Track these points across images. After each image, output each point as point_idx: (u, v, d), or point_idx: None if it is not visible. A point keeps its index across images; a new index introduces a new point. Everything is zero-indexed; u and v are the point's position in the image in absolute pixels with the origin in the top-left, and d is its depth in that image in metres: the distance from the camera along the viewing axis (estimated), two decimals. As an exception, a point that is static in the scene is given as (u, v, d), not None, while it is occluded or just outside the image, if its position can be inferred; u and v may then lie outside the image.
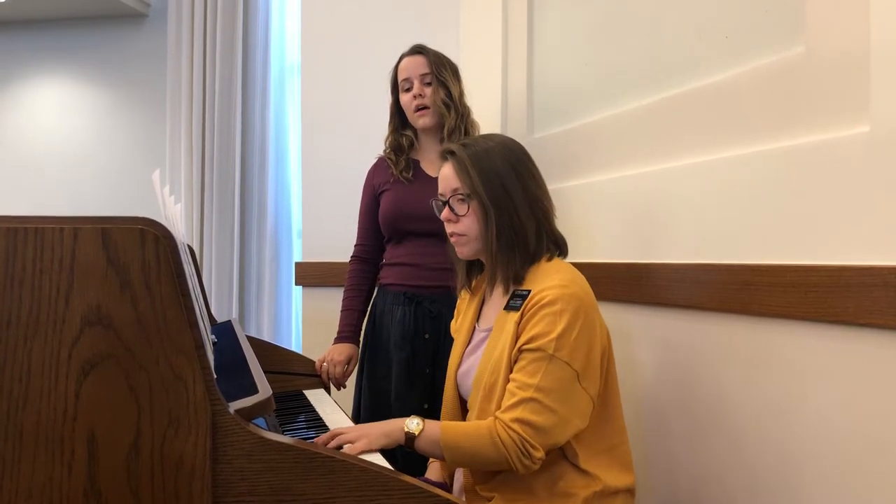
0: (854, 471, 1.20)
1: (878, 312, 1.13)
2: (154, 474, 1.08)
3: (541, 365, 1.33)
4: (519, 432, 1.31)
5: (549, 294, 1.36)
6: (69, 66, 4.67)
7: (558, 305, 1.35)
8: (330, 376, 2.10)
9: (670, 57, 1.68)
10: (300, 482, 1.11)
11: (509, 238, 1.44)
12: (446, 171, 1.50)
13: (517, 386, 1.34)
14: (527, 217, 1.45)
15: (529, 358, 1.35)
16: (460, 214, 1.47)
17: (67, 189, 4.61)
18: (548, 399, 1.32)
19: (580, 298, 1.37)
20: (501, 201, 1.44)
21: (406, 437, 1.36)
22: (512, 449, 1.31)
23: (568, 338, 1.34)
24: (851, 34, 1.20)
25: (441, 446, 1.35)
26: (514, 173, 1.46)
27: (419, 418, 1.38)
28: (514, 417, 1.32)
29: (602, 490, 1.38)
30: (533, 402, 1.32)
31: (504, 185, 1.44)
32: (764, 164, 1.37)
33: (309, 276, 2.97)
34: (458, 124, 2.07)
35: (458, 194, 1.47)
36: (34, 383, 1.06)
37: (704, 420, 1.53)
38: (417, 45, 2.14)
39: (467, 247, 1.50)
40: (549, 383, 1.33)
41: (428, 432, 1.36)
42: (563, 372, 1.33)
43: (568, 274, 1.42)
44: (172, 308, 1.08)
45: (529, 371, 1.34)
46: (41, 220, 1.08)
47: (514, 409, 1.33)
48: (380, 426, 1.39)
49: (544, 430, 1.32)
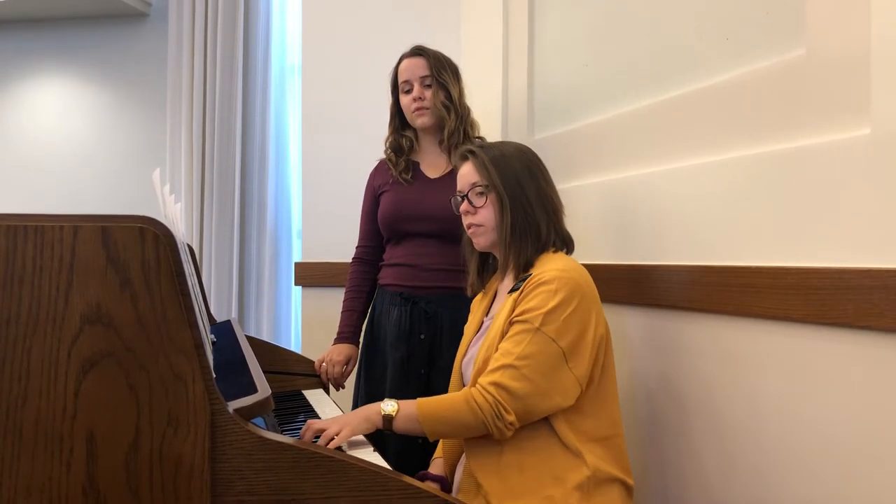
0: (854, 472, 1.20)
1: (879, 315, 1.13)
2: (153, 473, 1.08)
3: (525, 336, 1.39)
4: (494, 394, 1.37)
5: (547, 275, 1.43)
6: (70, 65, 4.66)
7: (554, 285, 1.42)
8: (329, 376, 2.10)
9: (670, 58, 1.68)
10: (299, 482, 1.11)
11: (522, 228, 1.52)
12: (466, 169, 1.59)
13: (501, 353, 1.41)
14: (539, 210, 1.53)
15: (517, 329, 1.41)
16: (478, 206, 1.56)
17: (68, 188, 4.61)
18: (526, 368, 1.38)
19: (577, 283, 1.44)
20: (516, 194, 1.53)
21: (383, 420, 1.41)
22: (487, 411, 1.37)
23: (557, 315, 1.40)
24: (852, 36, 1.20)
25: (419, 419, 1.39)
26: (527, 172, 1.55)
27: (393, 400, 1.43)
28: (490, 381, 1.38)
29: (593, 475, 1.40)
30: (511, 369, 1.38)
31: (519, 181, 1.54)
32: (764, 166, 1.37)
33: (308, 277, 2.97)
34: (457, 126, 2.08)
35: (476, 187, 1.56)
36: (33, 382, 1.06)
37: (703, 421, 1.53)
38: (417, 47, 2.13)
39: (484, 237, 1.57)
40: (529, 353, 1.38)
41: (404, 410, 1.41)
42: (548, 347, 1.39)
43: (571, 263, 1.50)
44: (172, 307, 1.08)
45: (514, 341, 1.40)
46: (41, 218, 1.08)
47: (492, 373, 1.40)
48: (357, 413, 1.44)
49: (518, 397, 1.37)
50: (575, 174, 2.02)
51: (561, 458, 1.41)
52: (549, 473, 1.40)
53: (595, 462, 1.40)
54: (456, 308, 1.97)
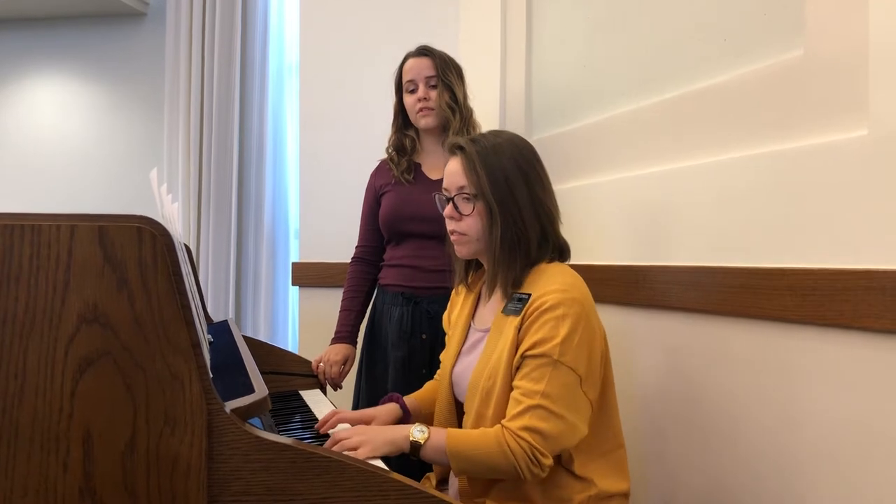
0: (853, 472, 1.20)
1: (876, 316, 1.13)
2: (150, 473, 1.08)
3: (545, 371, 1.32)
4: (528, 440, 1.29)
5: (551, 299, 1.35)
6: (68, 64, 4.66)
7: (560, 310, 1.33)
8: (326, 376, 2.10)
9: (669, 59, 1.68)
10: (296, 482, 1.11)
11: (512, 243, 1.42)
12: (453, 167, 1.47)
13: (522, 393, 1.33)
14: (531, 222, 1.43)
15: (533, 364, 1.33)
16: (464, 214, 1.45)
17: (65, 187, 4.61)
18: (554, 405, 1.31)
19: (581, 303, 1.36)
20: (507, 205, 1.41)
21: (411, 446, 1.33)
22: (521, 457, 1.29)
23: (571, 342, 1.32)
24: (850, 37, 1.20)
25: (447, 455, 1.32)
26: (521, 175, 1.43)
27: (423, 425, 1.35)
28: (522, 426, 1.30)
29: (597, 494, 1.38)
30: (540, 409, 1.30)
31: (511, 188, 1.42)
32: (762, 167, 1.37)
33: (305, 277, 2.97)
34: (461, 127, 2.07)
35: (463, 192, 1.45)
36: (30, 381, 1.06)
37: (703, 422, 1.53)
38: (423, 47, 2.11)
39: (467, 247, 1.48)
40: (554, 389, 1.31)
41: (433, 441, 1.33)
42: (568, 377, 1.32)
43: (568, 278, 1.41)
44: (169, 307, 1.08)
45: (534, 377, 1.32)
46: (38, 217, 1.07)
47: (521, 416, 1.31)
48: (383, 432, 1.36)
49: (553, 437, 1.31)
50: (573, 175, 2.03)
51: (565, 482, 1.38)
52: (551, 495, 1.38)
53: (599, 482, 1.38)
54: (456, 308, 1.97)
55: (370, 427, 1.39)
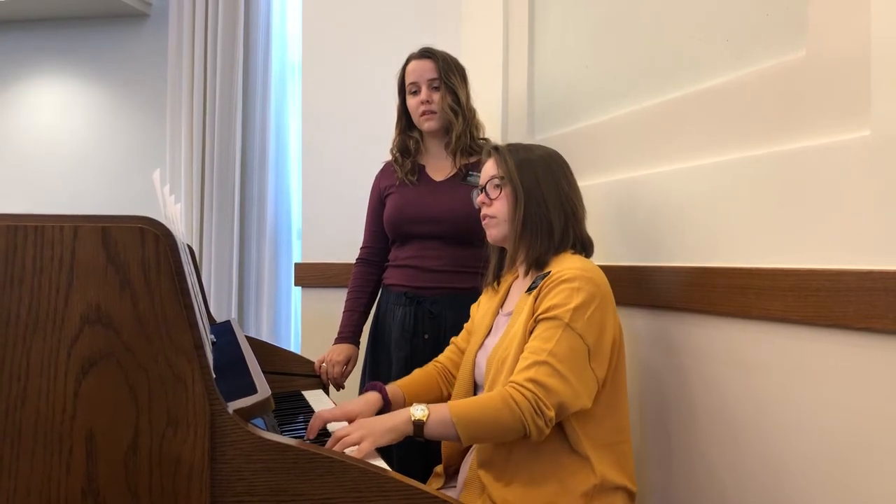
0: (853, 473, 1.20)
1: (878, 317, 1.13)
2: (152, 474, 1.08)
3: (555, 332, 1.37)
4: (532, 390, 1.33)
5: (568, 273, 1.42)
6: (70, 65, 4.66)
7: (576, 283, 1.41)
8: (329, 377, 2.10)
9: (671, 59, 1.68)
10: (298, 482, 1.11)
11: (535, 224, 1.52)
12: (488, 164, 1.61)
13: (531, 350, 1.38)
14: (555, 210, 1.52)
15: (545, 326, 1.39)
16: (493, 197, 1.57)
17: (68, 188, 4.61)
18: (560, 365, 1.35)
19: (597, 283, 1.43)
20: (532, 191, 1.52)
21: (414, 426, 1.33)
22: (526, 408, 1.32)
23: (582, 312, 1.38)
24: (852, 38, 1.20)
25: (453, 422, 1.33)
26: (549, 171, 1.55)
27: (422, 404, 1.35)
28: (527, 377, 1.35)
29: (601, 484, 1.39)
30: (546, 366, 1.35)
31: (537, 180, 1.53)
32: (764, 167, 1.37)
33: (308, 277, 2.97)
34: (464, 129, 2.07)
35: (493, 179, 1.57)
36: (33, 382, 1.06)
37: (704, 422, 1.53)
38: (426, 49, 2.11)
39: (496, 229, 1.58)
40: (562, 350, 1.36)
41: (436, 415, 1.34)
42: (576, 343, 1.37)
43: (589, 265, 1.48)
44: (172, 307, 1.08)
45: (544, 337, 1.38)
46: (41, 218, 1.08)
47: (527, 370, 1.36)
48: (382, 422, 1.35)
49: (555, 393, 1.34)
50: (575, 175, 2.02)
51: (569, 464, 1.40)
52: (556, 479, 1.39)
53: (602, 470, 1.39)
54: (460, 309, 1.97)
55: (369, 419, 1.38)
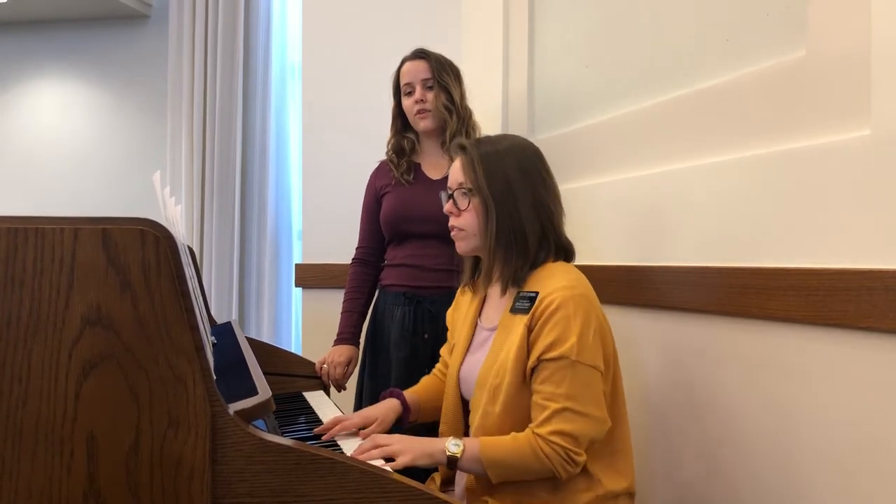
0: (855, 472, 1.20)
1: (879, 316, 1.13)
2: (153, 475, 1.08)
3: (566, 373, 1.34)
4: (560, 443, 1.32)
5: (559, 297, 1.36)
6: (71, 66, 4.67)
7: (570, 308, 1.35)
8: (330, 378, 2.10)
9: (671, 59, 1.68)
10: (300, 484, 1.11)
11: (508, 238, 1.44)
12: (455, 166, 1.52)
13: (545, 398, 1.35)
14: (529, 220, 1.44)
15: (552, 368, 1.35)
16: (461, 209, 1.49)
17: (68, 190, 4.61)
18: (579, 405, 1.33)
19: (587, 298, 1.39)
20: (504, 200, 1.44)
21: (448, 460, 1.36)
22: (556, 460, 1.32)
23: (586, 339, 1.35)
24: (852, 38, 1.20)
25: (482, 463, 1.35)
26: (521, 174, 1.45)
27: (456, 439, 1.37)
28: (551, 430, 1.33)
29: (604, 494, 1.38)
30: (566, 412, 1.33)
31: (509, 185, 1.44)
32: (764, 167, 1.37)
33: (309, 278, 2.97)
34: (459, 128, 2.08)
35: (462, 188, 1.49)
36: (34, 383, 1.06)
37: (705, 422, 1.53)
38: (419, 50, 2.13)
39: (465, 242, 1.51)
40: (576, 390, 1.33)
41: (469, 452, 1.35)
42: (588, 375, 1.35)
43: (572, 275, 1.43)
44: (172, 309, 1.08)
45: (555, 381, 1.34)
46: (42, 220, 1.08)
47: (548, 422, 1.33)
48: (422, 444, 1.37)
49: (583, 436, 1.34)
50: (575, 175, 2.02)
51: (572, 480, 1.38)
52: (557, 493, 1.38)
53: (604, 481, 1.39)
54: (458, 308, 1.98)
55: (407, 437, 1.40)
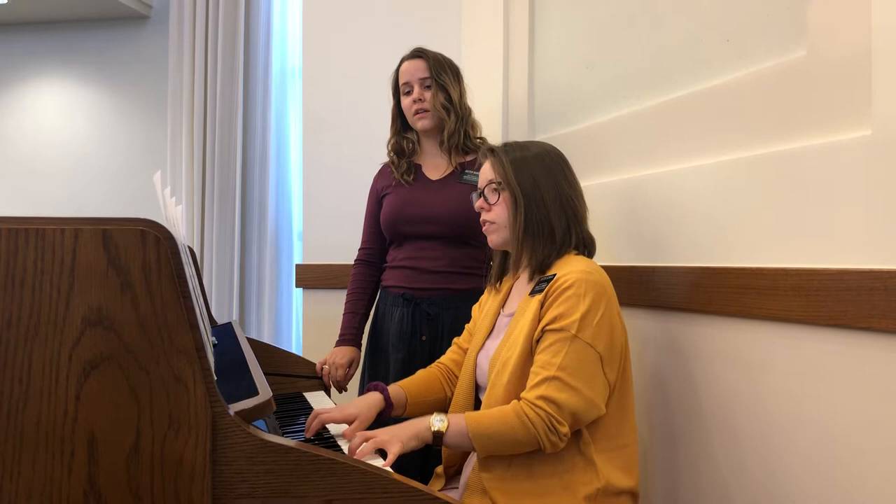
0: (855, 473, 1.20)
1: (879, 316, 1.13)
2: (154, 476, 1.08)
3: (563, 345, 1.37)
4: (544, 408, 1.34)
5: (572, 277, 1.41)
6: (70, 67, 4.67)
7: (582, 288, 1.39)
8: (331, 379, 2.10)
9: (671, 60, 1.68)
10: (301, 484, 1.11)
11: (536, 228, 1.50)
12: (485, 167, 1.59)
13: (540, 365, 1.38)
14: (555, 212, 1.51)
15: (552, 338, 1.38)
16: (491, 203, 1.55)
17: (68, 190, 4.62)
18: (570, 378, 1.35)
19: (602, 286, 1.42)
20: (531, 193, 1.51)
21: (434, 436, 1.38)
22: (540, 426, 1.34)
23: (590, 319, 1.38)
24: (853, 38, 1.20)
25: (469, 437, 1.37)
26: (546, 172, 1.53)
27: (441, 414, 1.40)
28: (538, 395, 1.35)
29: (605, 487, 1.39)
30: (556, 381, 1.35)
31: (535, 180, 1.51)
32: (765, 167, 1.37)
33: (309, 278, 2.97)
34: (458, 127, 2.08)
35: (491, 184, 1.55)
36: (35, 384, 1.06)
37: (705, 422, 1.53)
38: (417, 49, 2.14)
39: (496, 234, 1.56)
40: (571, 362, 1.36)
41: (454, 426, 1.38)
42: (586, 353, 1.37)
43: (592, 266, 1.47)
44: (173, 309, 1.08)
45: (552, 351, 1.37)
46: (42, 221, 1.08)
47: (537, 387, 1.36)
48: (406, 428, 1.39)
49: (568, 407, 1.35)
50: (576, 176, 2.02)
51: (573, 467, 1.39)
52: (559, 482, 1.39)
53: (608, 474, 1.39)
54: (457, 309, 1.98)
55: (391, 427, 1.42)
